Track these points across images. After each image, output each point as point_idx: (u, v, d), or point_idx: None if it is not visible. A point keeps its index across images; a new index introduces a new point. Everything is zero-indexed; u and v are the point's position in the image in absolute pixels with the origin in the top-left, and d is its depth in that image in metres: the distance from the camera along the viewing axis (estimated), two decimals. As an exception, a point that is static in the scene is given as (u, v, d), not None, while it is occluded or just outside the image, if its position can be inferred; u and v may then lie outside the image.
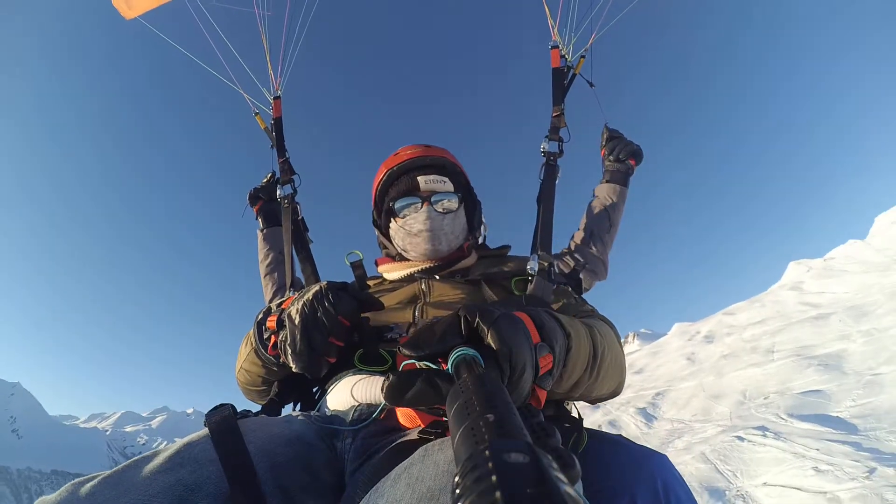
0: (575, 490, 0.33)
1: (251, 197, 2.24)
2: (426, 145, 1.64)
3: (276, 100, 2.16)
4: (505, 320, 0.73)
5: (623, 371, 1.26)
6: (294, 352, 1.05)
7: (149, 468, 0.77)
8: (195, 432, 0.89)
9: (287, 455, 0.90)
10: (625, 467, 1.01)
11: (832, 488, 6.97)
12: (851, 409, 10.84)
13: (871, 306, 19.87)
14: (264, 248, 2.13)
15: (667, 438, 13.84)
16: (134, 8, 2.40)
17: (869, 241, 33.90)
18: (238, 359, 1.34)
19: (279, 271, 2.03)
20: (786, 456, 8.78)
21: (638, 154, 2.11)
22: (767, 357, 18.89)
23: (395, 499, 0.58)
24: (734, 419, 13.43)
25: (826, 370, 14.62)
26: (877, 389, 11.51)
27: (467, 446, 0.41)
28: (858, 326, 18.10)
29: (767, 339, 21.52)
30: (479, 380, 0.53)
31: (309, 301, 1.06)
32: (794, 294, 29.40)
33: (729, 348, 23.66)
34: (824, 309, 23.03)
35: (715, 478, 9.05)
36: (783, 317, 25.12)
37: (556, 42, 2.04)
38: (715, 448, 10.39)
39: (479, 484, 0.31)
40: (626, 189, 2.07)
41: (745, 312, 30.98)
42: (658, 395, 19.30)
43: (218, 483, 0.78)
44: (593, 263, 1.94)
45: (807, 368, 15.41)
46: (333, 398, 1.15)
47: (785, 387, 14.63)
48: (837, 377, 13.72)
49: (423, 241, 1.48)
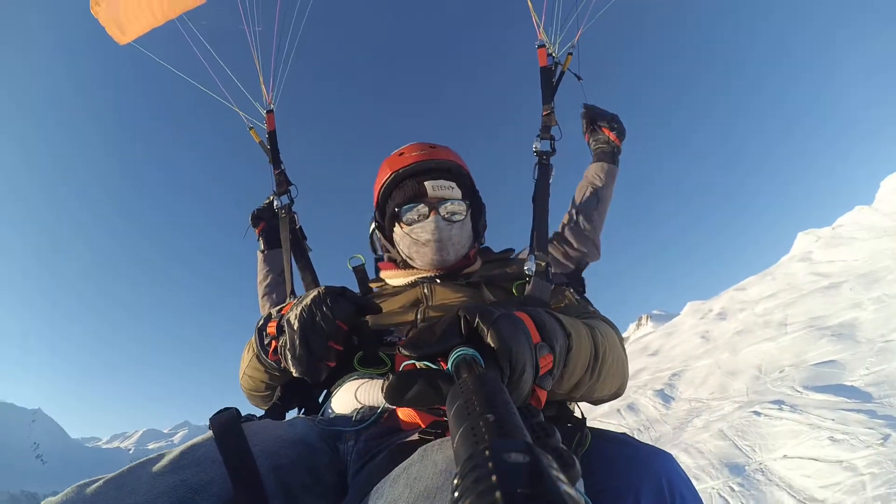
0: (576, 490, 0.33)
1: (253, 218, 2.24)
2: (432, 146, 1.61)
3: (269, 113, 2.18)
4: (505, 320, 0.73)
5: (625, 372, 1.24)
6: (293, 357, 1.04)
7: (153, 469, 0.79)
8: (199, 435, 0.90)
9: (290, 457, 0.91)
10: (629, 466, 1.01)
11: (848, 457, 7.20)
12: (865, 378, 10.91)
13: (882, 272, 19.86)
14: (264, 270, 2.14)
15: (685, 418, 13.97)
16: (127, 34, 2.47)
17: (876, 206, 33.67)
18: (241, 365, 1.34)
19: (277, 293, 2.04)
20: (802, 428, 8.98)
21: (618, 128, 2.05)
22: (781, 330, 18.92)
23: (393, 498, 0.60)
24: (751, 395, 13.53)
25: (839, 340, 14.65)
26: (889, 356, 11.55)
27: (467, 446, 0.41)
28: (869, 294, 18.11)
29: (780, 313, 21.54)
30: (479, 380, 0.53)
31: (307, 306, 1.05)
32: (804, 265, 29.39)
33: (742, 324, 23.66)
34: (835, 278, 23.03)
35: (734, 454, 9.26)
36: (794, 289, 25.11)
37: (542, 41, 2.02)
38: (732, 424, 10.56)
39: (479, 484, 0.31)
40: (616, 167, 2.02)
41: (756, 287, 31.05)
42: (674, 376, 19.40)
43: (222, 484, 0.79)
44: (584, 244, 1.87)
45: (820, 339, 15.45)
46: (337, 401, 1.17)
47: (799, 359, 14.68)
48: (850, 346, 13.75)
49: (431, 251, 1.48)
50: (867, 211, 33.15)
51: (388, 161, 1.61)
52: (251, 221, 2.23)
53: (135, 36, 2.49)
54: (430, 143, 1.63)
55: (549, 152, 1.80)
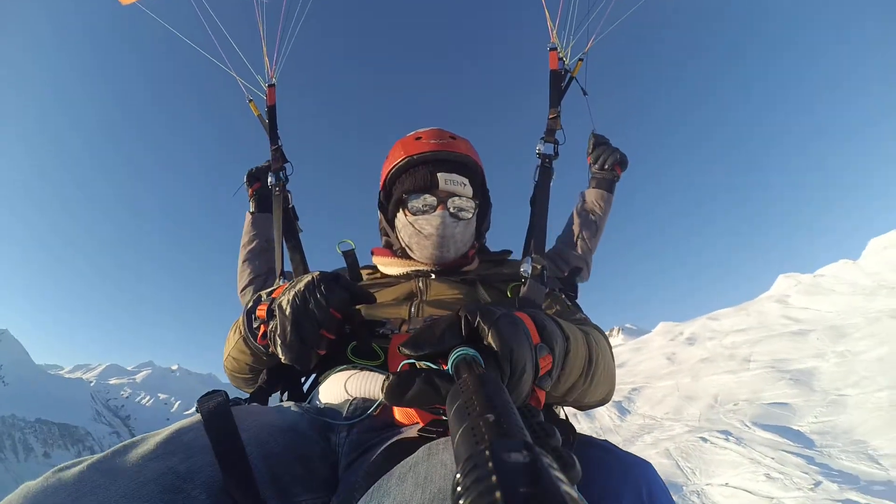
0: (576, 490, 0.33)
1: (250, 176, 2.14)
2: (452, 136, 1.55)
3: (270, 87, 2.12)
4: (506, 320, 0.72)
5: (613, 380, 1.24)
6: (283, 343, 1.00)
7: (138, 454, 0.75)
8: (186, 419, 0.87)
9: (280, 445, 0.89)
10: (611, 473, 1.01)
11: (779, 495, 7.60)
12: (812, 425, 11.38)
13: (850, 328, 20.37)
14: (250, 233, 2.04)
15: (637, 433, 14.46)
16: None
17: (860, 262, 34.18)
18: (226, 346, 1.30)
19: (260, 260, 1.97)
20: (743, 461, 9.44)
21: (623, 162, 2.10)
22: (743, 365, 19.50)
23: (405, 498, 0.58)
24: (702, 421, 14.06)
25: (796, 385, 15.18)
26: (839, 409, 12.01)
27: (467, 446, 0.41)
28: (834, 346, 18.60)
29: (746, 348, 22.09)
30: (479, 380, 0.53)
31: (300, 292, 1.01)
32: (779, 307, 29.94)
33: (709, 352, 24.30)
34: (805, 325, 23.57)
35: (675, 473, 9.74)
36: (765, 328, 25.69)
37: (554, 44, 2.01)
38: (679, 446, 11.07)
39: (479, 484, 0.31)
40: (612, 196, 2.07)
41: (729, 319, 31.63)
42: (634, 391, 19.97)
43: (211, 471, 0.77)
44: (579, 264, 1.93)
45: (778, 381, 16.00)
46: (326, 391, 1.15)
47: (755, 396, 15.22)
48: (805, 393, 14.26)
49: (432, 245, 1.44)
50: (851, 266, 33.65)
51: (403, 143, 1.54)
52: (246, 180, 2.15)
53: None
54: (451, 133, 1.58)
55: (551, 156, 1.78)
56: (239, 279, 1.98)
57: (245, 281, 1.95)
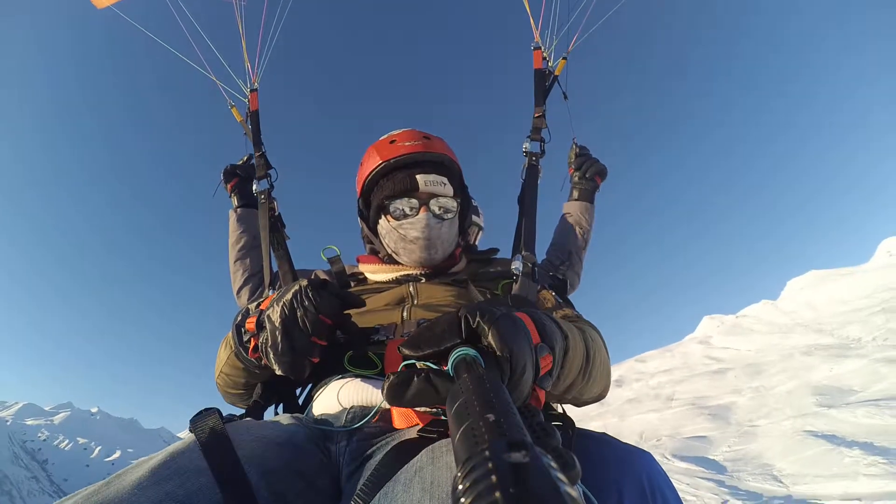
0: (576, 490, 0.33)
1: (226, 173, 2.08)
2: (426, 136, 1.53)
3: (252, 92, 2.07)
4: (506, 320, 0.71)
5: (609, 375, 1.23)
6: (276, 354, 0.98)
7: (132, 482, 0.72)
8: (179, 441, 0.83)
9: (279, 460, 0.86)
10: (611, 464, 1.02)
11: (690, 514, 7.69)
12: (726, 454, 11.82)
13: (766, 365, 21.61)
14: (237, 231, 1.98)
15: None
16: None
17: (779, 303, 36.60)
18: (217, 362, 1.27)
19: (252, 257, 1.93)
20: (660, 489, 9.55)
21: (603, 172, 2.17)
22: (667, 404, 20.14)
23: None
24: (627, 457, 14.19)
25: (714, 419, 15.79)
26: (750, 438, 12.58)
27: (467, 446, 0.40)
28: (750, 382, 19.63)
29: (670, 388, 22.89)
30: (479, 380, 0.53)
31: (288, 301, 1.00)
32: (702, 347, 31.48)
33: (635, 393, 24.90)
34: (725, 364, 24.79)
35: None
36: (688, 368, 26.81)
37: (538, 43, 2.03)
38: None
39: (479, 484, 0.31)
40: (594, 206, 2.15)
41: (655, 360, 32.79)
42: (564, 433, 19.92)
43: (209, 494, 0.74)
44: (571, 279, 2.00)
45: (698, 416, 16.57)
46: (324, 401, 1.12)
47: (676, 431, 15.67)
48: (722, 426, 14.90)
49: (419, 248, 1.42)
50: (770, 306, 35.99)
51: (377, 147, 1.51)
52: (223, 177, 2.09)
53: (113, 0, 2.31)
54: (425, 133, 1.55)
55: (538, 154, 1.79)
56: (233, 280, 1.96)
57: (240, 281, 1.93)
